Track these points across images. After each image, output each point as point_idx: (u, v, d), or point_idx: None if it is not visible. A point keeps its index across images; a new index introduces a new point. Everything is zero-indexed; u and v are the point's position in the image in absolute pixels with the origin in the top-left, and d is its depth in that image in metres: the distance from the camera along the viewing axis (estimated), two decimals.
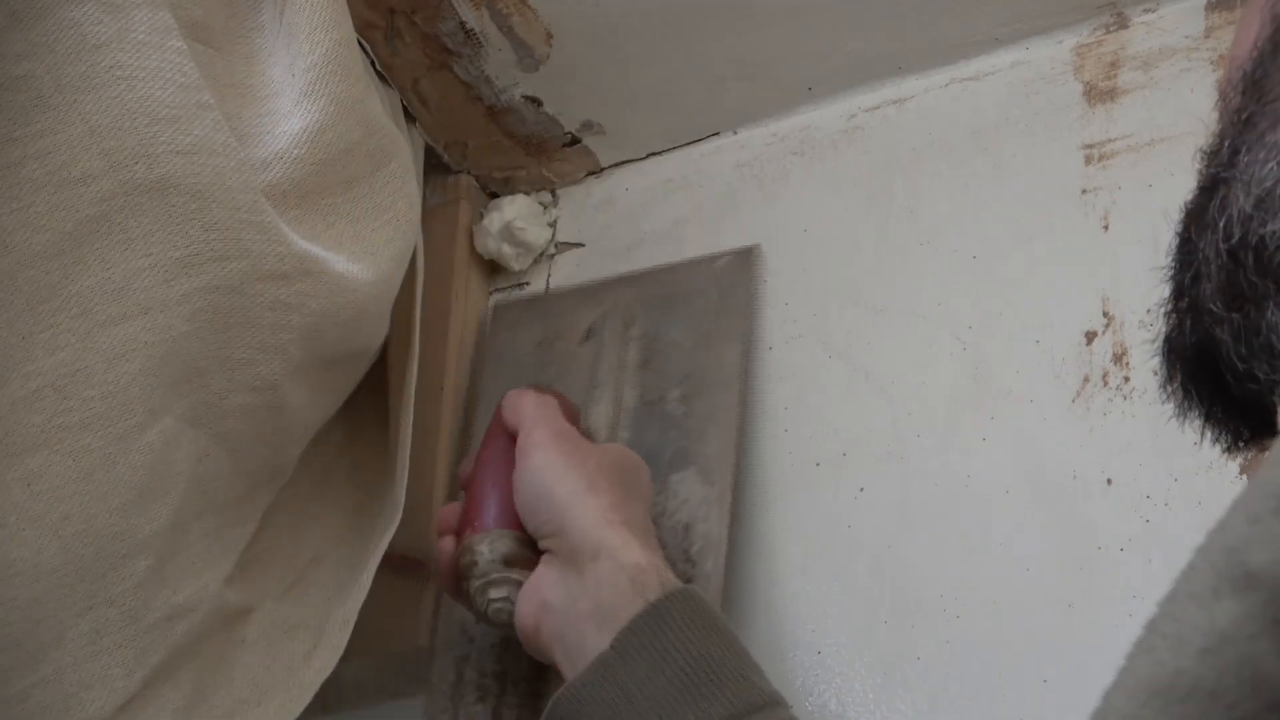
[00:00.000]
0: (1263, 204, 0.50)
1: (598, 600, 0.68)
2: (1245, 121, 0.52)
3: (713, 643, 0.66)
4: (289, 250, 0.66)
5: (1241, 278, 0.50)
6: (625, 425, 0.87)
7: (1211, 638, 0.34)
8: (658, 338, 0.90)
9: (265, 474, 0.72)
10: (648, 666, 0.65)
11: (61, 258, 0.60)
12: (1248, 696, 0.32)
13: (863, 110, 0.94)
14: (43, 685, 0.60)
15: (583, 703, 0.66)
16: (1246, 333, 0.51)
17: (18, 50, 0.60)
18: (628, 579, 0.68)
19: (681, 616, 0.66)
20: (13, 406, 0.59)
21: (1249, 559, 0.34)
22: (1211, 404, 0.55)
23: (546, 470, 0.72)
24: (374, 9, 0.87)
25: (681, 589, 0.68)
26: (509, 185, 1.01)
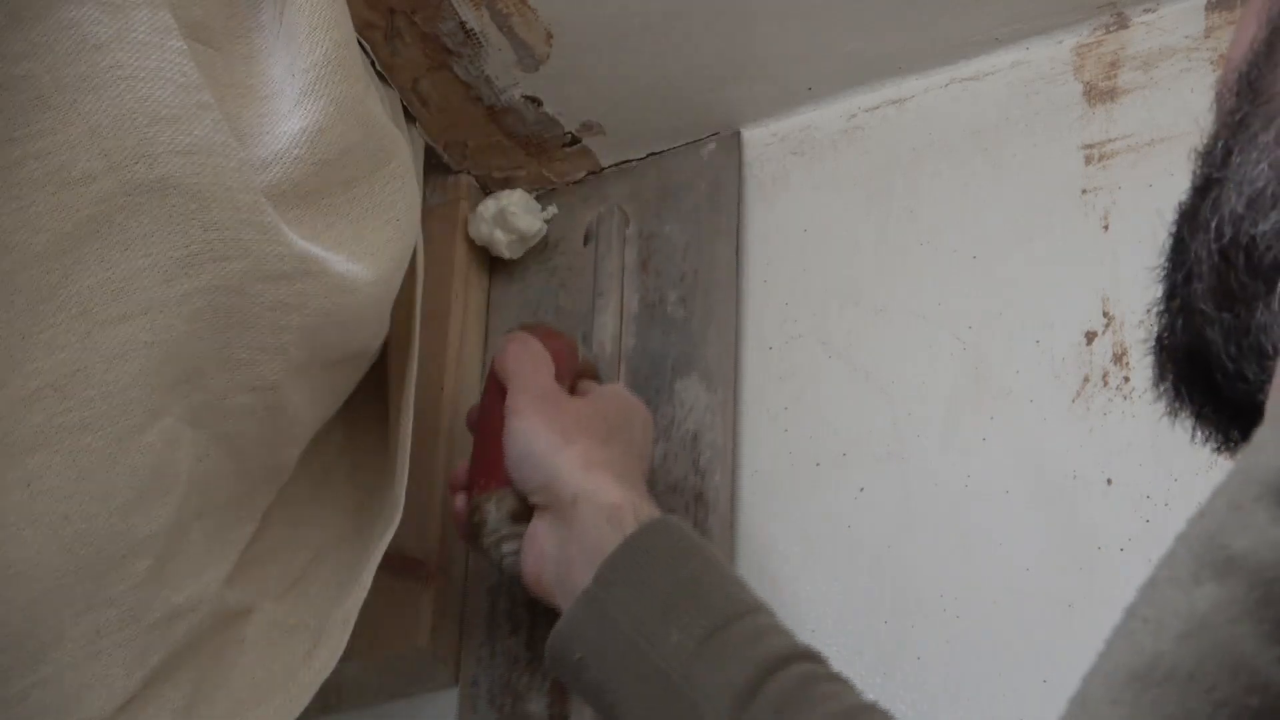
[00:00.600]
0: (1254, 204, 0.50)
1: (583, 543, 0.71)
2: (1239, 123, 0.52)
3: (691, 564, 0.69)
4: (289, 250, 0.66)
5: (1233, 278, 0.51)
6: (629, 332, 0.90)
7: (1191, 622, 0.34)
8: (654, 235, 0.93)
9: (265, 474, 0.72)
10: (629, 594, 0.68)
11: (61, 258, 0.60)
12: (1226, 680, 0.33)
13: (863, 110, 0.94)
14: (42, 685, 0.60)
15: (572, 637, 0.69)
16: (1236, 333, 0.51)
17: (18, 50, 0.60)
18: (605, 518, 0.71)
19: (658, 544, 0.70)
20: (12, 406, 0.58)
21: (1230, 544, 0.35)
22: (1202, 404, 0.55)
23: (526, 432, 0.76)
24: (374, 9, 0.87)
25: (657, 519, 0.71)
26: (509, 185, 1.01)
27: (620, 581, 0.69)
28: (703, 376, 0.86)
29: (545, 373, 0.79)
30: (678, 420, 0.85)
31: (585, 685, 0.69)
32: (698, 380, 0.86)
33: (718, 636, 0.65)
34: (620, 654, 0.67)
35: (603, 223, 0.94)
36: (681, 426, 0.85)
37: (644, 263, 0.92)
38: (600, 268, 0.92)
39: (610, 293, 0.91)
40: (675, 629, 0.66)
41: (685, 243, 0.91)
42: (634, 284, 0.92)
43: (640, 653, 0.66)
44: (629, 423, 0.80)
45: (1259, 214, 0.49)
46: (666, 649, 0.65)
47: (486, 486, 0.77)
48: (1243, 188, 0.50)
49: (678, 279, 0.90)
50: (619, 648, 0.67)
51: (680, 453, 0.84)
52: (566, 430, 0.76)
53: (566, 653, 0.69)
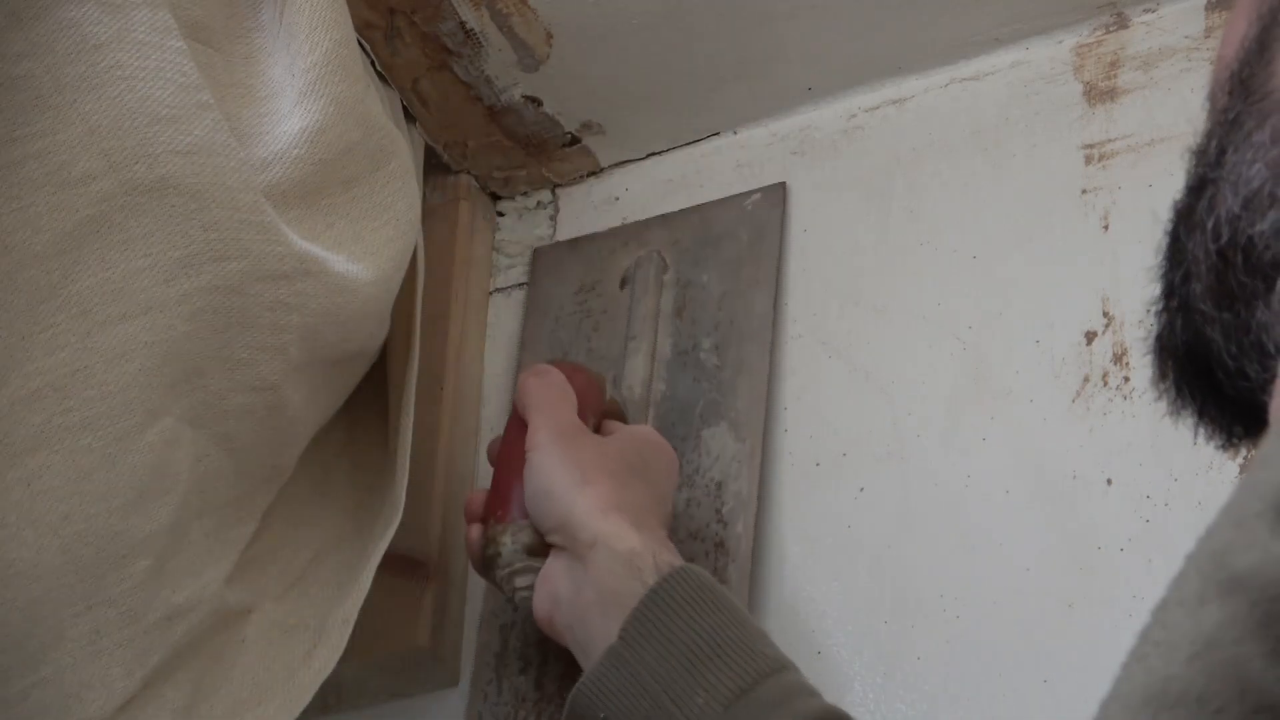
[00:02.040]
0: (1250, 204, 0.50)
1: (599, 588, 0.70)
2: (1232, 121, 0.52)
3: (715, 618, 0.67)
4: (289, 250, 0.66)
5: (1231, 277, 0.50)
6: (660, 377, 0.89)
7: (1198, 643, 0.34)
8: (691, 283, 0.91)
9: (265, 474, 0.72)
10: (655, 651, 0.66)
11: (61, 258, 0.60)
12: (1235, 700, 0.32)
13: (863, 110, 0.93)
14: (42, 685, 0.60)
15: (599, 695, 0.67)
16: (1237, 331, 0.51)
17: (17, 50, 0.60)
18: (623, 564, 0.69)
19: (681, 597, 0.68)
20: (13, 406, 0.58)
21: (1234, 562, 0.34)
22: (1204, 402, 0.55)
23: (545, 469, 0.74)
24: (374, 9, 0.87)
25: (679, 568, 0.69)
26: (509, 185, 1.01)
27: (646, 639, 0.67)
28: (732, 426, 0.85)
29: (567, 408, 0.77)
30: (703, 468, 0.84)
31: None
32: (726, 429, 0.85)
33: (744, 700, 0.64)
34: (646, 715, 0.65)
35: (640, 267, 0.93)
36: (706, 474, 0.83)
37: (679, 309, 0.91)
38: (635, 311, 0.91)
39: (643, 336, 0.90)
40: (701, 689, 0.64)
41: (722, 292, 0.89)
42: (668, 329, 0.90)
43: (667, 714, 0.64)
44: (652, 464, 0.78)
45: (1256, 214, 0.49)
46: (693, 711, 0.64)
47: (503, 518, 0.76)
48: (1238, 187, 0.50)
49: (712, 327, 0.89)
50: (645, 708, 0.65)
51: (704, 500, 0.82)
52: (586, 470, 0.74)
53: (590, 712, 0.67)
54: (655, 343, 0.90)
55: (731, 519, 0.81)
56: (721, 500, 0.82)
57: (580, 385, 0.80)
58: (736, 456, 0.83)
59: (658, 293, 0.92)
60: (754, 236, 0.91)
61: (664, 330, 0.90)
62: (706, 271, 0.91)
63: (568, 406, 0.78)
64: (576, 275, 0.96)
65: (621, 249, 0.95)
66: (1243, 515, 0.35)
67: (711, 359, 0.88)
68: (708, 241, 0.92)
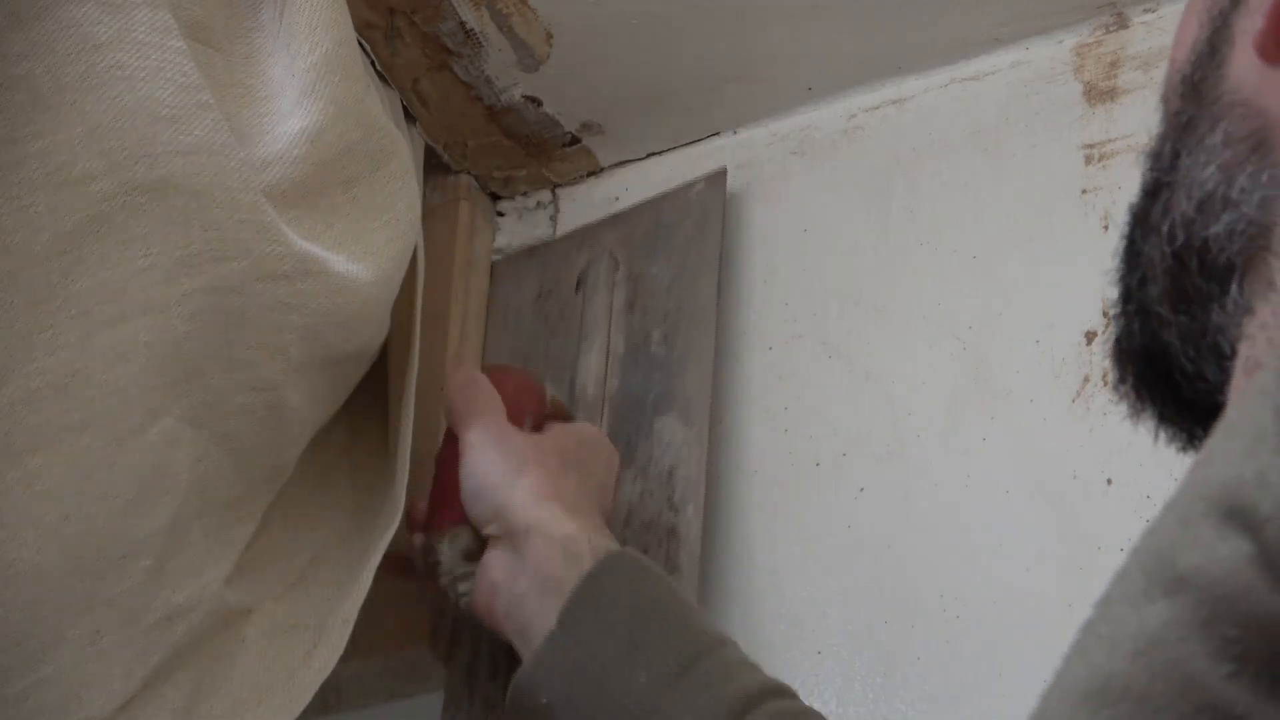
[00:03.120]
0: (1204, 207, 0.50)
1: (537, 575, 0.71)
2: (1185, 125, 0.52)
3: (652, 599, 0.68)
4: (289, 250, 0.66)
5: (1187, 281, 0.51)
6: (614, 373, 0.90)
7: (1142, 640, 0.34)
8: (641, 277, 0.92)
9: (265, 474, 0.72)
10: (593, 634, 0.67)
11: (61, 258, 0.60)
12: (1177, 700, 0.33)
13: (863, 110, 0.94)
14: (42, 685, 0.60)
15: (540, 680, 0.68)
16: (1194, 334, 0.51)
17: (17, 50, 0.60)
18: (559, 550, 0.71)
19: (618, 579, 0.69)
20: (12, 406, 0.58)
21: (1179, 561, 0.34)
22: (1164, 404, 0.55)
23: (478, 465, 0.76)
24: (374, 9, 0.87)
25: (614, 552, 0.71)
26: (509, 185, 1.02)
27: (584, 623, 0.67)
28: (680, 413, 0.85)
29: (495, 408, 0.78)
30: (655, 458, 0.84)
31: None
32: (676, 417, 0.85)
33: (686, 676, 0.64)
34: (588, 698, 0.66)
35: (592, 267, 0.94)
36: (659, 463, 0.84)
37: (631, 304, 0.92)
38: (587, 312, 0.92)
39: (595, 335, 0.91)
40: (642, 670, 0.65)
41: (670, 280, 0.91)
42: (620, 325, 0.91)
43: (609, 695, 0.65)
44: (589, 459, 0.79)
45: (1210, 217, 0.49)
46: (635, 691, 0.64)
47: (440, 525, 0.77)
48: (1192, 191, 0.50)
49: (661, 317, 0.90)
50: (586, 692, 0.66)
51: (656, 489, 0.83)
52: (520, 461, 0.75)
53: (532, 698, 0.68)
54: (609, 340, 0.91)
55: (682, 504, 0.82)
56: (672, 487, 0.83)
57: (513, 388, 0.81)
58: (685, 441, 0.84)
59: (609, 291, 0.92)
60: (699, 222, 0.92)
61: (617, 327, 0.91)
62: (656, 263, 0.92)
63: (495, 410, 0.78)
64: (535, 282, 0.97)
65: (576, 252, 0.96)
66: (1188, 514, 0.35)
67: (661, 350, 0.88)
68: (658, 234, 0.93)
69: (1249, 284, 0.48)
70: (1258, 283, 0.48)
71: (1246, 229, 0.48)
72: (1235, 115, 0.50)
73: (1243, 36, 0.51)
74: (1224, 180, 0.49)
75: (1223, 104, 0.51)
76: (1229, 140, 0.49)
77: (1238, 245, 0.48)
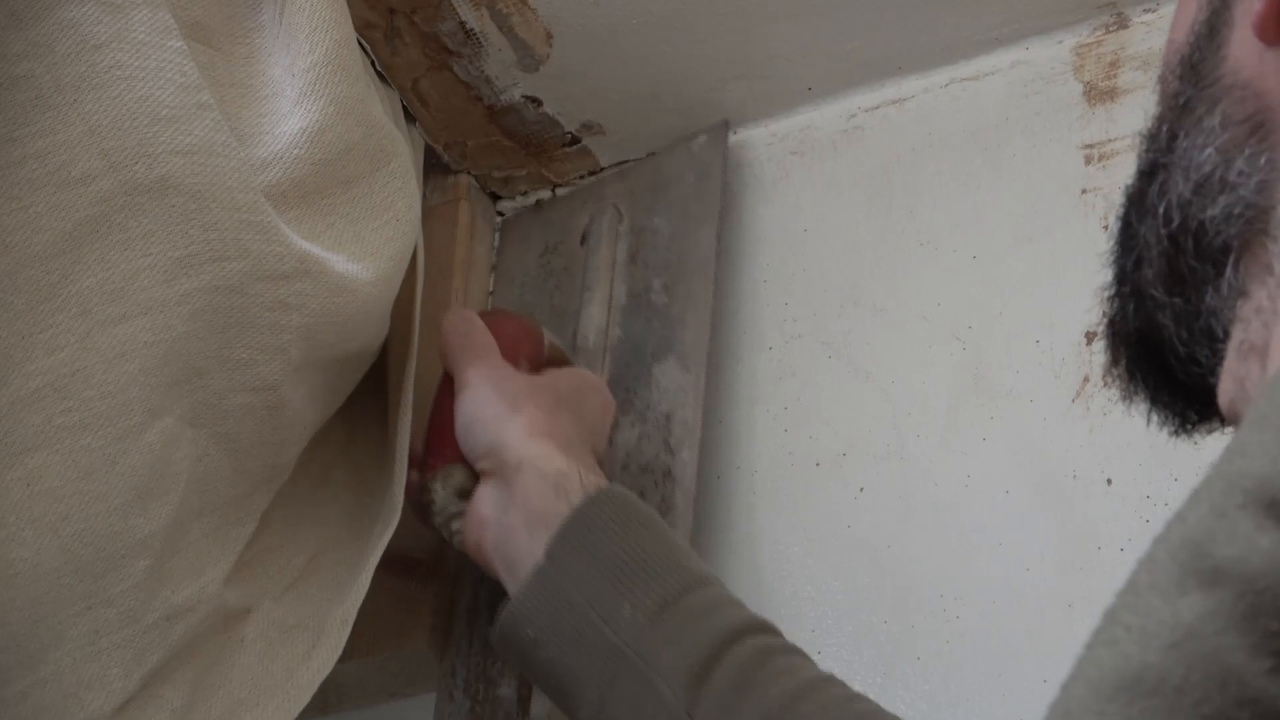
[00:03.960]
0: (1201, 189, 0.49)
1: (526, 509, 0.71)
2: (1183, 106, 0.52)
3: (640, 535, 0.68)
4: (289, 250, 0.66)
5: (1182, 263, 0.50)
6: (616, 322, 0.91)
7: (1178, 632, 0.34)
8: (644, 229, 0.93)
9: (265, 474, 0.72)
10: (580, 567, 0.67)
11: (61, 258, 0.60)
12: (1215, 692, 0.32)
13: (863, 110, 0.94)
14: (42, 685, 0.60)
15: (526, 613, 0.68)
16: (1187, 317, 0.51)
17: (17, 50, 0.60)
18: (550, 485, 0.71)
19: (607, 515, 0.69)
20: (12, 406, 0.58)
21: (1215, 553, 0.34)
22: (1157, 387, 0.55)
23: (473, 403, 0.76)
24: (374, 9, 0.87)
25: (605, 488, 0.71)
26: (509, 185, 1.01)
27: (571, 555, 0.68)
28: (679, 359, 0.86)
29: (491, 351, 0.79)
30: (653, 403, 0.86)
31: (539, 664, 0.67)
32: (674, 363, 0.86)
33: (670, 610, 0.64)
34: (574, 630, 0.66)
35: (596, 221, 0.95)
36: (657, 408, 0.85)
37: (633, 255, 0.93)
38: (590, 263, 0.93)
39: (598, 286, 0.91)
40: (627, 603, 0.65)
41: (671, 232, 0.92)
42: (623, 277, 0.92)
43: (594, 627, 0.65)
44: (586, 401, 0.80)
45: (1207, 199, 0.49)
46: (619, 624, 0.64)
47: (434, 465, 0.78)
48: (1189, 173, 0.50)
49: (662, 268, 0.91)
50: (572, 623, 0.66)
51: (654, 433, 0.84)
52: (515, 399, 0.75)
53: (518, 631, 0.68)
54: (611, 291, 0.92)
55: (678, 447, 0.83)
56: (669, 430, 0.84)
57: (510, 331, 0.81)
58: (683, 387, 0.85)
59: (612, 243, 0.93)
60: (699, 176, 0.92)
61: (619, 278, 0.92)
62: (658, 215, 0.93)
63: (491, 350, 0.79)
64: (540, 239, 0.98)
65: (581, 208, 0.97)
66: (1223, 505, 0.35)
67: (661, 298, 0.89)
68: (659, 187, 0.94)
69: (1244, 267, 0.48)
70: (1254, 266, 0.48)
71: (1244, 212, 0.48)
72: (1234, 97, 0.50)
73: (1242, 18, 0.50)
74: (1222, 163, 0.49)
75: (1221, 86, 0.50)
76: (1227, 122, 0.49)
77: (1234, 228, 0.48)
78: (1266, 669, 0.32)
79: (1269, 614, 0.33)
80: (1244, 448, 0.36)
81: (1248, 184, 0.48)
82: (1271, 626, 0.32)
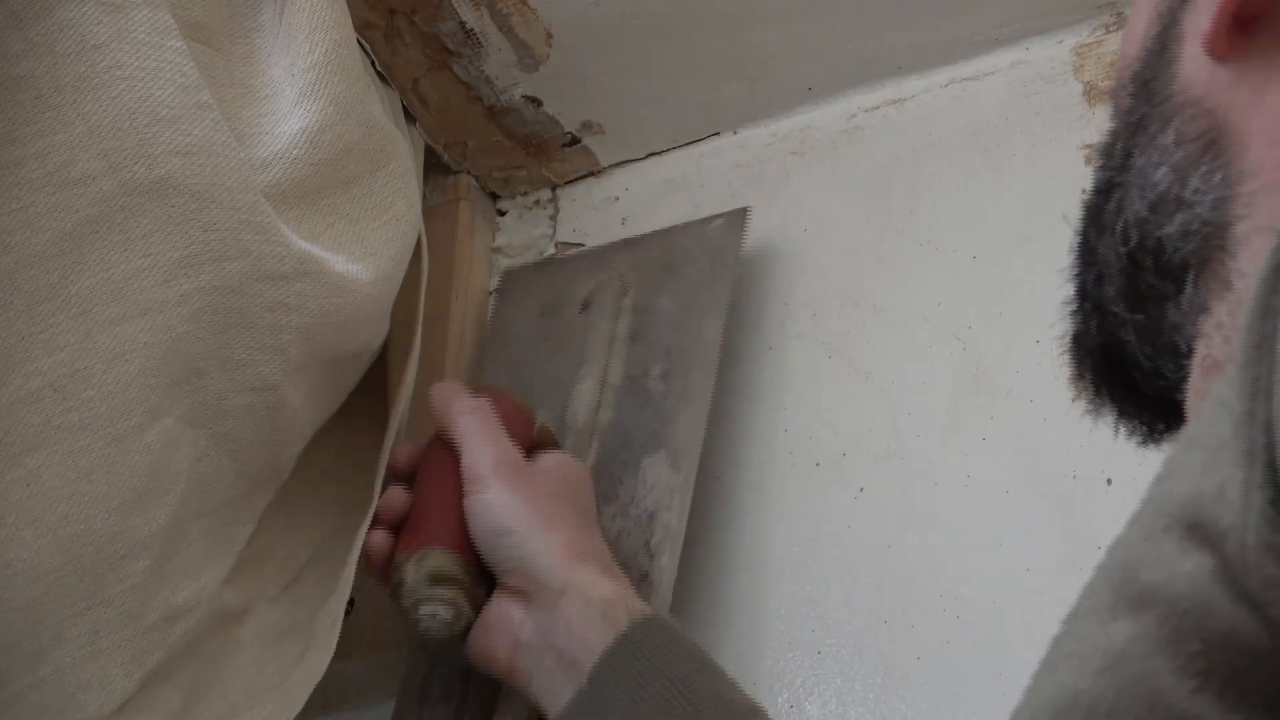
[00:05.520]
0: (1157, 207, 0.49)
1: (570, 637, 0.69)
2: (1137, 123, 0.52)
3: (686, 665, 0.67)
4: (288, 251, 0.66)
5: (1142, 280, 0.50)
6: (608, 404, 0.87)
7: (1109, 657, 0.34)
8: (648, 308, 0.89)
9: (264, 474, 0.72)
10: (625, 696, 0.66)
11: (61, 258, 0.60)
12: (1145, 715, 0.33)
13: (863, 110, 0.93)
14: (41, 686, 0.60)
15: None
16: (1150, 333, 0.51)
17: (17, 50, 0.60)
18: (598, 613, 0.69)
19: (652, 643, 0.67)
20: (12, 406, 0.58)
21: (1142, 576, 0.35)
22: (1123, 401, 0.55)
23: (501, 507, 0.73)
24: (374, 9, 0.87)
25: (649, 616, 0.69)
26: (509, 185, 1.01)
27: (616, 684, 0.66)
28: (670, 455, 0.83)
29: (504, 440, 0.76)
30: (638, 498, 0.82)
31: None
32: (664, 459, 0.83)
33: None
34: None
35: (600, 291, 0.92)
36: (641, 504, 0.82)
37: (634, 334, 0.89)
38: (589, 337, 0.90)
39: (594, 362, 0.88)
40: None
41: (676, 317, 0.88)
42: (621, 355, 0.88)
43: None
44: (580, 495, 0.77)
45: (1163, 217, 0.49)
46: None
47: (409, 544, 0.74)
48: (1145, 191, 0.50)
49: (663, 353, 0.87)
50: None
51: (635, 530, 0.81)
52: (546, 514, 0.73)
53: None
54: (607, 369, 0.88)
55: (659, 551, 0.80)
56: (651, 531, 0.80)
57: (507, 412, 0.79)
58: (670, 487, 0.81)
59: (614, 318, 0.90)
60: (713, 261, 0.89)
61: (617, 356, 0.88)
62: (665, 295, 0.89)
63: (504, 439, 0.76)
64: (540, 299, 0.94)
65: (585, 273, 0.94)
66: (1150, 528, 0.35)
67: (659, 386, 0.86)
68: (669, 265, 0.90)
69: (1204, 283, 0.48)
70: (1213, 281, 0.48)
71: (1200, 229, 0.48)
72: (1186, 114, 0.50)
73: (1192, 34, 0.50)
74: (1177, 180, 0.49)
75: (1173, 103, 0.50)
76: (1181, 140, 0.49)
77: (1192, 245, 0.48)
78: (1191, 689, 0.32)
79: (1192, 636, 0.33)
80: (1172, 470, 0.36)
81: (1204, 201, 0.48)
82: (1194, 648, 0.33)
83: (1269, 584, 0.32)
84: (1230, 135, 0.48)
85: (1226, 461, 0.34)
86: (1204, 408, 0.36)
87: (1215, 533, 0.33)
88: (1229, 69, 0.48)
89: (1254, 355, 0.34)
